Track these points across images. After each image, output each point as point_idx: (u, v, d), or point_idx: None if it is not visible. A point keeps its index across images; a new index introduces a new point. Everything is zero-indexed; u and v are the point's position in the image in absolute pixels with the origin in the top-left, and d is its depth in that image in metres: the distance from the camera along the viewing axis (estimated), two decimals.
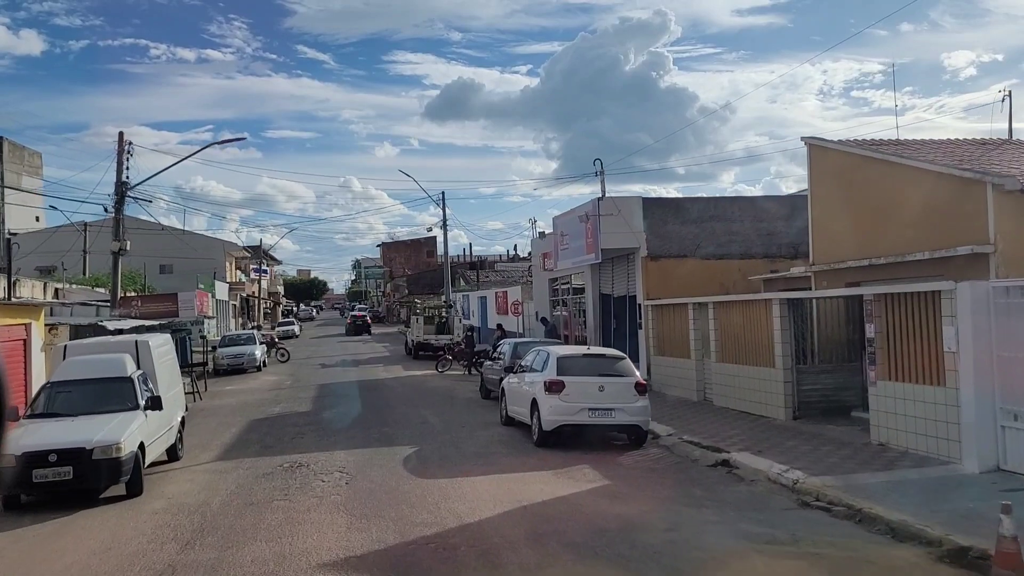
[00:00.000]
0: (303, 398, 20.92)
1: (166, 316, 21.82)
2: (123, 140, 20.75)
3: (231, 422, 16.91)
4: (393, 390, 22.62)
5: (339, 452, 12.91)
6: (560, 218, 24.44)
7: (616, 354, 13.54)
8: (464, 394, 21.44)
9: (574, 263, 23.23)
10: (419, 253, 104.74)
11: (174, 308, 22.74)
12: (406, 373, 28.20)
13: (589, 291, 24.77)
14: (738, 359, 15.76)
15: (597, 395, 12.62)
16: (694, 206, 21.01)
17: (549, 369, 13.04)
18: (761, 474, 10.69)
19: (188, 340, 27.90)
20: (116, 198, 20.56)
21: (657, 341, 19.94)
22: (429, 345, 34.34)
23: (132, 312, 22.10)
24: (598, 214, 20.41)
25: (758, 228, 20.99)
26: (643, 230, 20.57)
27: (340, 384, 24.56)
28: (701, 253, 20.68)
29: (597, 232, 20.51)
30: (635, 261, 21.04)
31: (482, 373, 20.55)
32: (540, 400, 12.81)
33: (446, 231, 43.34)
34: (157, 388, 11.85)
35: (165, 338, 13.23)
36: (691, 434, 13.48)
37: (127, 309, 22.22)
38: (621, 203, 20.61)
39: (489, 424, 15.56)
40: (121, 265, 42.38)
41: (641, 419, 12.78)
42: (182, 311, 22.56)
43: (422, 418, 16.62)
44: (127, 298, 23.58)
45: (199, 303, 23.77)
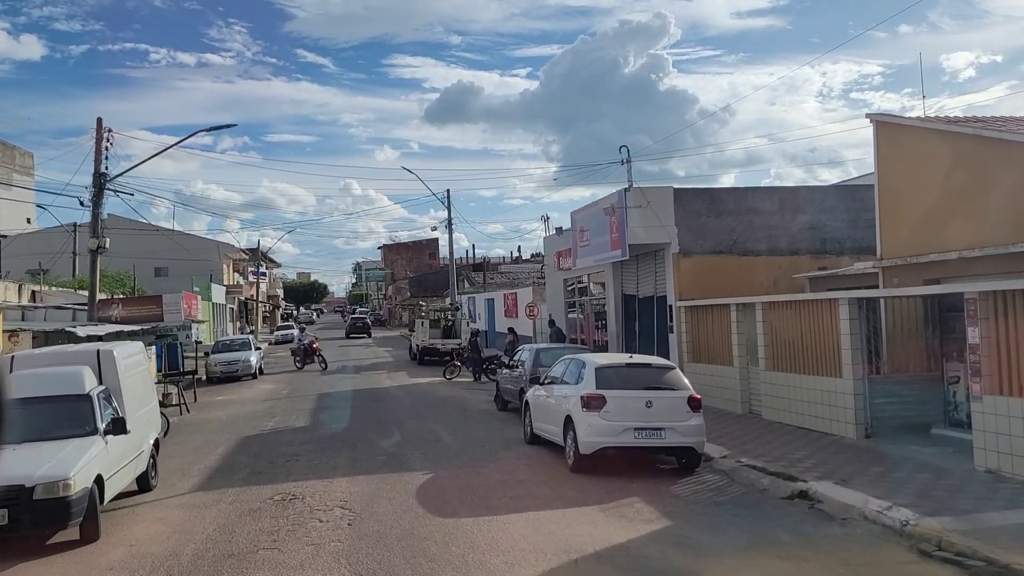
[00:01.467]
0: (300, 410, 19.00)
1: (150, 320, 19.96)
2: (101, 128, 18.86)
3: (218, 440, 14.99)
4: (399, 400, 20.69)
5: (340, 480, 10.98)
6: (580, 212, 22.53)
7: (664, 363, 11.62)
8: (477, 405, 19.52)
9: (596, 261, 21.32)
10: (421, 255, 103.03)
11: (158, 312, 20.87)
12: (412, 381, 26.27)
13: (610, 292, 22.85)
14: (794, 367, 13.85)
15: (644, 412, 10.71)
16: (730, 197, 19.10)
17: (586, 382, 11.12)
18: (854, 511, 8.76)
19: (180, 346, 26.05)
20: (94, 191, 18.66)
21: (692, 346, 18.02)
22: (435, 350, 32.43)
23: (112, 316, 20.22)
24: (625, 206, 18.50)
25: (800, 221, 19.08)
26: (674, 224, 18.66)
27: (341, 394, 22.64)
28: (738, 249, 18.76)
29: (624, 226, 18.59)
30: (665, 258, 19.13)
31: (497, 383, 18.64)
32: (576, 418, 10.89)
33: (451, 230, 41.50)
34: (123, 407, 9.94)
35: (136, 347, 11.32)
36: (749, 456, 11.56)
37: (107, 313, 20.34)
38: (650, 194, 18.70)
39: (511, 443, 13.63)
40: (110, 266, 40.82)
41: (696, 440, 10.86)
42: (167, 315, 20.69)
43: (434, 435, 14.70)
44: (107, 301, 21.68)
45: (186, 306, 21.91)
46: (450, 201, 41.54)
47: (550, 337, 24.40)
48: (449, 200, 41.49)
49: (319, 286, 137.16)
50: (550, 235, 30.81)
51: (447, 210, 41.32)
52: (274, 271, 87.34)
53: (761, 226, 18.88)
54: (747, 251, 18.79)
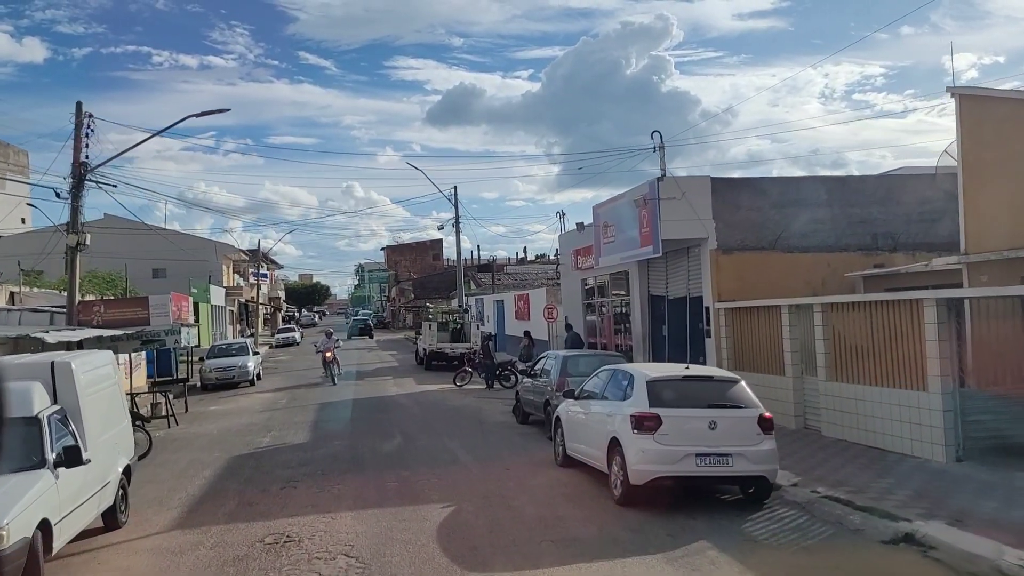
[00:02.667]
0: (299, 423, 17.27)
1: (135, 324, 18.30)
2: (81, 113, 17.16)
3: (206, 459, 13.27)
4: (408, 411, 18.95)
5: (344, 515, 9.25)
6: (604, 206, 20.79)
7: (727, 376, 9.87)
8: (494, 416, 17.78)
9: (623, 259, 19.58)
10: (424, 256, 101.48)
11: (145, 314, 19.18)
12: (420, 388, 24.54)
13: (635, 292, 21.11)
14: (863, 377, 12.10)
15: (707, 435, 8.97)
16: (773, 187, 17.35)
17: (636, 398, 9.37)
18: (983, 563, 7.00)
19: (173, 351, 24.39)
20: (73, 182, 16.96)
21: (733, 352, 16.27)
22: (443, 354, 30.69)
23: (93, 319, 18.55)
24: (657, 198, 16.76)
25: (850, 214, 17.33)
26: (712, 217, 16.92)
27: (344, 403, 20.91)
28: (782, 245, 17.01)
29: (656, 220, 16.86)
30: (701, 255, 17.39)
31: (518, 393, 16.90)
32: (625, 441, 9.15)
33: (458, 229, 39.74)
34: (83, 431, 8.22)
35: (103, 357, 9.60)
36: (825, 484, 9.79)
37: (87, 316, 18.66)
38: (686, 184, 16.95)
39: (540, 465, 11.89)
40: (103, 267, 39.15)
41: (768, 468, 9.12)
42: (154, 318, 19.01)
43: (450, 454, 12.96)
44: (88, 303, 19.98)
45: (175, 308, 20.23)
46: (457, 198, 39.88)
47: (566, 342, 22.66)
48: (456, 197, 39.82)
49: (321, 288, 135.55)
50: (567, 232, 29.05)
51: (454, 208, 39.64)
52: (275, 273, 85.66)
53: (807, 220, 17.13)
54: (792, 247, 17.04)
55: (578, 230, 22.25)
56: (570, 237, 27.14)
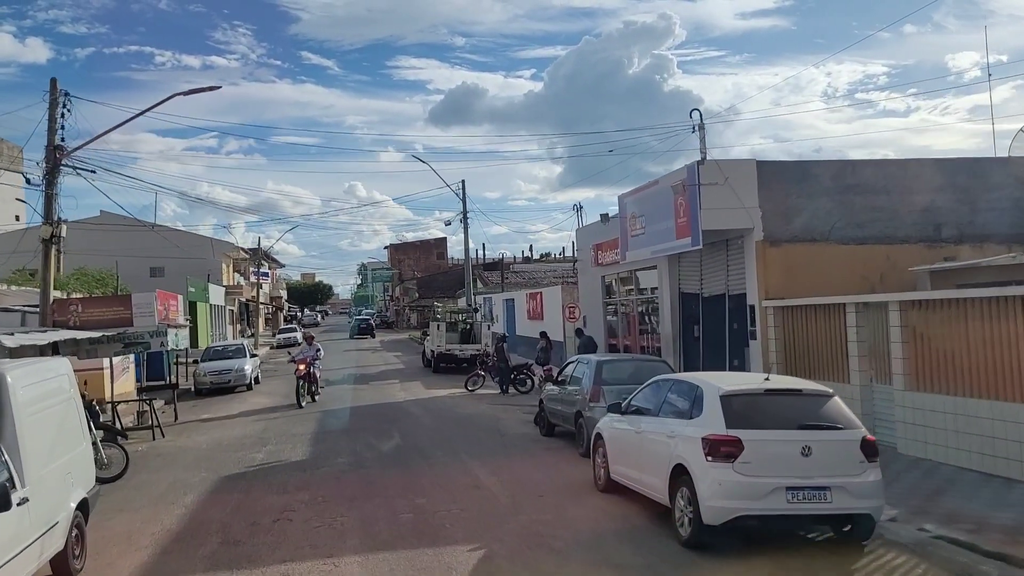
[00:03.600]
0: (298, 435, 15.54)
1: (117, 324, 16.63)
2: (56, 91, 15.45)
3: (190, 481, 11.55)
4: (418, 421, 17.22)
5: (350, 560, 7.52)
6: (631, 195, 19.02)
7: (818, 389, 8.11)
8: (514, 426, 16.06)
9: (654, 252, 17.82)
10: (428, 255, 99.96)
11: (127, 314, 17.49)
12: (429, 393, 22.82)
13: (664, 290, 19.36)
14: (957, 388, 10.36)
15: (799, 463, 7.22)
16: (825, 172, 15.57)
17: (707, 416, 7.63)
18: None
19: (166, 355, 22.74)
20: (47, 167, 15.26)
21: (784, 356, 14.53)
22: (452, 356, 28.97)
23: (69, 320, 16.86)
24: (698, 183, 15.00)
25: (910, 203, 15.56)
26: (757, 205, 15.17)
27: (347, 411, 19.19)
28: (837, 236, 15.25)
29: (696, 208, 15.10)
30: (744, 248, 15.64)
31: (541, 401, 15.16)
32: (697, 470, 7.40)
33: (467, 225, 38.01)
34: (20, 462, 6.49)
35: (54, 367, 7.88)
36: (933, 519, 8.04)
37: (63, 316, 16.97)
38: (729, 168, 15.18)
39: (579, 490, 10.15)
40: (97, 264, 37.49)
41: (874, 504, 7.38)
42: (138, 318, 17.33)
43: (471, 476, 11.22)
44: (64, 302, 18.28)
45: (162, 307, 18.52)
46: (465, 192, 38.14)
47: (579, 348, 20.97)
48: (464, 191, 38.07)
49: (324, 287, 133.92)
50: (585, 226, 27.30)
51: (462, 202, 37.91)
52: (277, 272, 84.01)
53: (863, 208, 15.38)
54: (847, 239, 15.28)
55: (602, 222, 20.50)
56: (589, 231, 25.40)
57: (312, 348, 21.65)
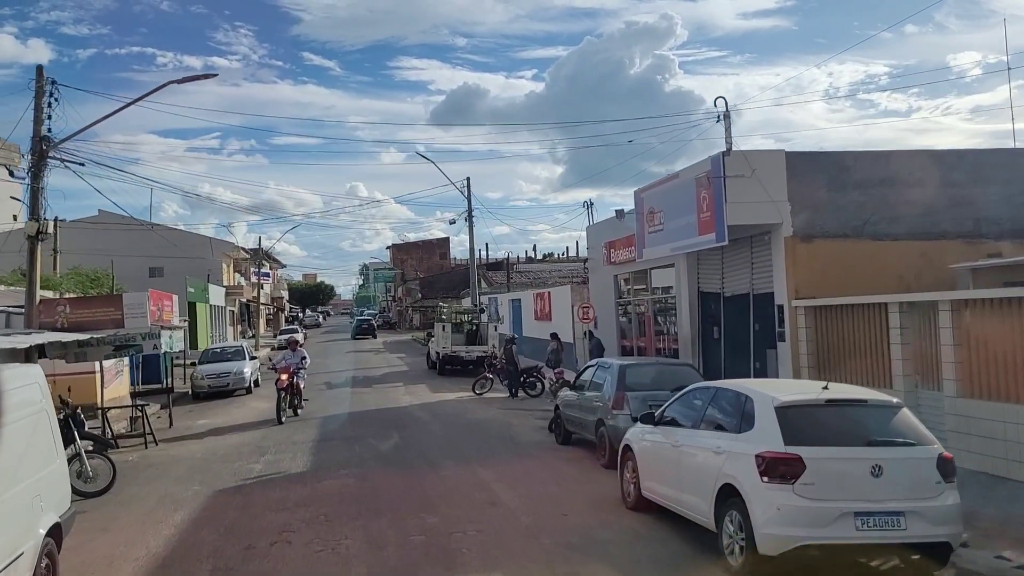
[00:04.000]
0: (299, 443, 14.66)
1: (107, 326, 15.75)
2: (43, 79, 14.60)
3: (181, 496, 10.67)
4: (426, 427, 16.33)
5: None
6: (649, 190, 18.14)
7: (885, 400, 7.19)
8: (527, 433, 15.19)
9: (674, 249, 16.93)
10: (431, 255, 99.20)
11: (118, 315, 16.60)
12: (436, 397, 21.95)
13: (683, 289, 18.48)
14: (1015, 395, 9.46)
15: (869, 485, 6.34)
16: (858, 164, 14.69)
17: (762, 430, 6.74)
18: None
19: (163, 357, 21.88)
20: (33, 159, 14.40)
21: (816, 359, 13.65)
22: (458, 358, 28.11)
23: (56, 321, 16.01)
24: (723, 175, 14.12)
25: (947, 195, 14.69)
26: (787, 198, 14.30)
27: (351, 417, 18.32)
28: (870, 231, 14.38)
29: (721, 202, 14.23)
30: (772, 244, 14.76)
31: (557, 407, 14.27)
32: (750, 492, 6.52)
33: (472, 223, 37.14)
34: None
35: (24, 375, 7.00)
36: (1009, 543, 7.17)
37: (50, 317, 16.10)
38: (756, 159, 14.31)
39: (606, 507, 9.27)
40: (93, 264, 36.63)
41: (952, 531, 6.49)
42: (129, 318, 16.44)
43: (487, 490, 10.33)
44: (51, 302, 17.40)
45: (155, 308, 17.63)
46: (470, 190, 37.30)
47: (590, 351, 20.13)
48: (469, 189, 37.23)
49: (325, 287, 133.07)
50: (596, 224, 26.45)
51: (467, 200, 37.06)
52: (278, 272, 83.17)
53: (899, 202, 14.51)
54: (880, 234, 14.41)
55: (617, 218, 19.62)
56: (601, 228, 24.53)
57: (296, 355, 18.72)
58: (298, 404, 18.12)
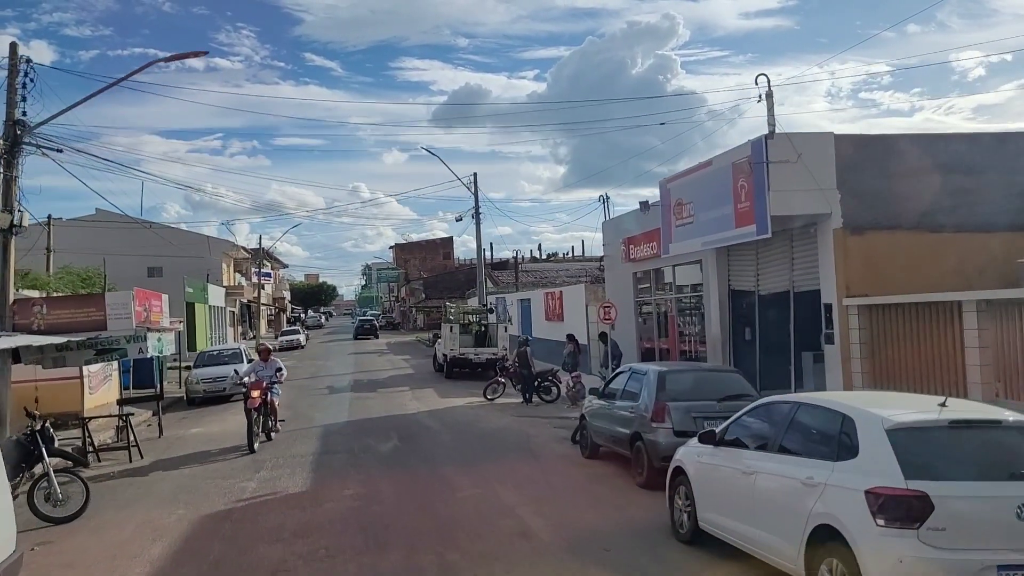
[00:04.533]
0: (298, 456, 13.34)
1: (88, 328, 14.44)
2: (16, 56, 13.29)
3: (162, 523, 9.35)
4: (437, 438, 15.00)
5: None
6: (677, 180, 16.79)
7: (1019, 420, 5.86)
8: (548, 445, 13.87)
9: (706, 244, 15.59)
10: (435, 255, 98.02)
11: (100, 316, 15.26)
12: (444, 403, 20.62)
13: (711, 287, 17.15)
14: None
15: (1015, 530, 5.00)
16: (914, 147, 13.36)
17: (870, 458, 5.40)
18: None
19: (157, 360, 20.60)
20: (6, 145, 13.09)
21: (871, 364, 12.31)
22: (467, 361, 26.78)
23: (32, 322, 14.71)
24: (765, 160, 12.78)
25: (1013, 183, 13.34)
26: (835, 186, 12.96)
27: (355, 425, 17.00)
28: (928, 223, 13.04)
29: (763, 191, 12.89)
30: (819, 236, 13.43)
31: (583, 417, 12.92)
32: (859, 538, 5.18)
33: (479, 220, 35.83)
34: None
35: None
36: None
37: (26, 318, 14.80)
38: (802, 143, 12.95)
39: (652, 538, 7.93)
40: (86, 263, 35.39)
41: None
42: (112, 320, 15.11)
43: (513, 518, 8.98)
44: (26, 301, 16.08)
45: (140, 308, 16.30)
46: (477, 186, 35.98)
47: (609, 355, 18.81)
48: (476, 185, 35.91)
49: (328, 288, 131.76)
50: (613, 218, 25.12)
51: (474, 196, 35.75)
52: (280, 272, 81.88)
53: (958, 190, 13.17)
54: (938, 225, 13.07)
55: (641, 211, 18.26)
56: (618, 224, 23.19)
57: (269, 366, 15.11)
58: (272, 426, 14.90)
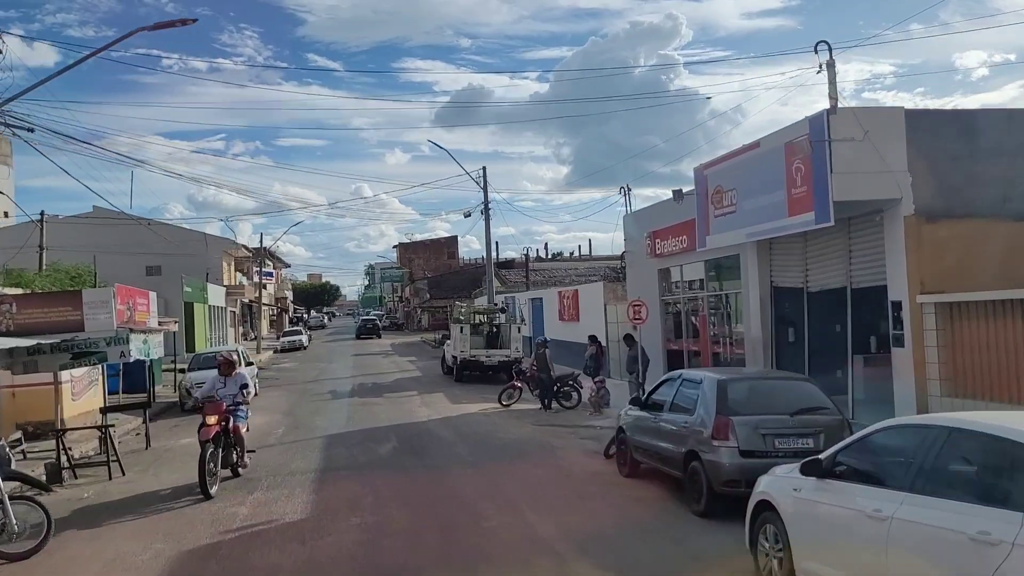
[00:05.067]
0: (297, 474, 11.84)
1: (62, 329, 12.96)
2: None
3: (134, 560, 7.83)
4: (453, 451, 13.49)
5: None
6: (715, 166, 15.23)
7: None
8: (579, 460, 12.36)
9: (752, 235, 14.04)
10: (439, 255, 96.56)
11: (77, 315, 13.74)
12: (457, 409, 19.13)
13: (751, 283, 15.61)
14: None
15: None
16: (995, 124, 11.78)
17: None
18: None
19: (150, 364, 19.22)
20: None
21: (952, 371, 10.76)
22: (478, 363, 25.30)
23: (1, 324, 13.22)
24: (828, 139, 11.23)
25: None
26: (906, 168, 11.41)
27: (360, 436, 15.50)
28: (1012, 210, 11.48)
29: (825, 172, 11.33)
30: (886, 225, 11.87)
31: (622, 430, 11.37)
32: None
33: (488, 215, 34.39)
34: None
35: None
36: None
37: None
38: (868, 119, 11.38)
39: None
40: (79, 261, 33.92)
41: None
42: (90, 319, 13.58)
43: (553, 557, 7.46)
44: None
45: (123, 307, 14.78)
46: (486, 180, 34.53)
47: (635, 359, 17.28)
48: (485, 178, 34.47)
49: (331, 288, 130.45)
50: (636, 211, 23.56)
51: (483, 190, 34.29)
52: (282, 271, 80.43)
53: None
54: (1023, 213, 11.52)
55: (675, 200, 16.70)
56: (642, 217, 21.66)
57: (233, 382, 11.66)
58: (238, 460, 11.48)
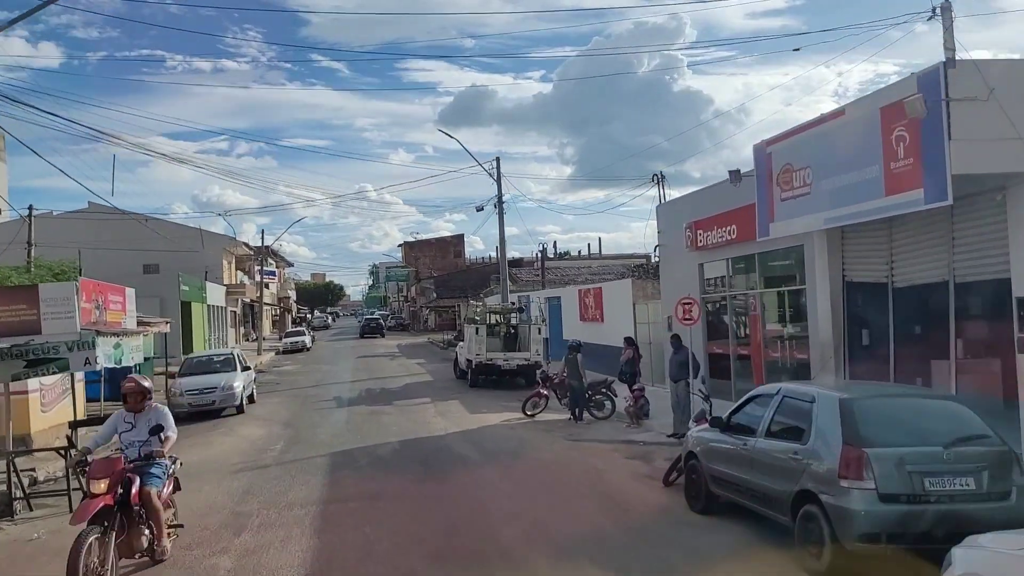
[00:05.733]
0: (295, 506, 9.77)
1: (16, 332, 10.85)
2: None
3: None
4: (478, 475, 11.40)
5: None
6: (782, 141, 13.11)
7: None
8: (634, 489, 10.28)
9: (831, 220, 11.91)
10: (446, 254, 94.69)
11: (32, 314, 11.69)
12: (476, 420, 17.06)
13: (817, 278, 13.51)
14: None
15: None
16: None
17: None
18: None
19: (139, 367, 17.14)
20: None
21: None
22: (495, 367, 23.23)
23: None
24: (945, 98, 9.15)
25: None
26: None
27: (369, 455, 13.44)
28: None
29: (941, 139, 9.25)
30: (1011, 204, 9.79)
31: (692, 455, 9.28)
32: None
33: (502, 209, 32.33)
34: None
35: None
36: None
37: None
38: (995, 73, 9.30)
39: None
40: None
41: None
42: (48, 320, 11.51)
43: None
44: None
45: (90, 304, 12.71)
46: (499, 172, 32.47)
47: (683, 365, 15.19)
48: (499, 170, 32.41)
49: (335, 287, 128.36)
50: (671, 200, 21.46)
51: (497, 183, 32.25)
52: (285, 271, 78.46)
53: None
54: None
55: (732, 182, 14.51)
56: (678, 206, 19.58)
57: (143, 422, 7.69)
58: (155, 543, 7.32)
